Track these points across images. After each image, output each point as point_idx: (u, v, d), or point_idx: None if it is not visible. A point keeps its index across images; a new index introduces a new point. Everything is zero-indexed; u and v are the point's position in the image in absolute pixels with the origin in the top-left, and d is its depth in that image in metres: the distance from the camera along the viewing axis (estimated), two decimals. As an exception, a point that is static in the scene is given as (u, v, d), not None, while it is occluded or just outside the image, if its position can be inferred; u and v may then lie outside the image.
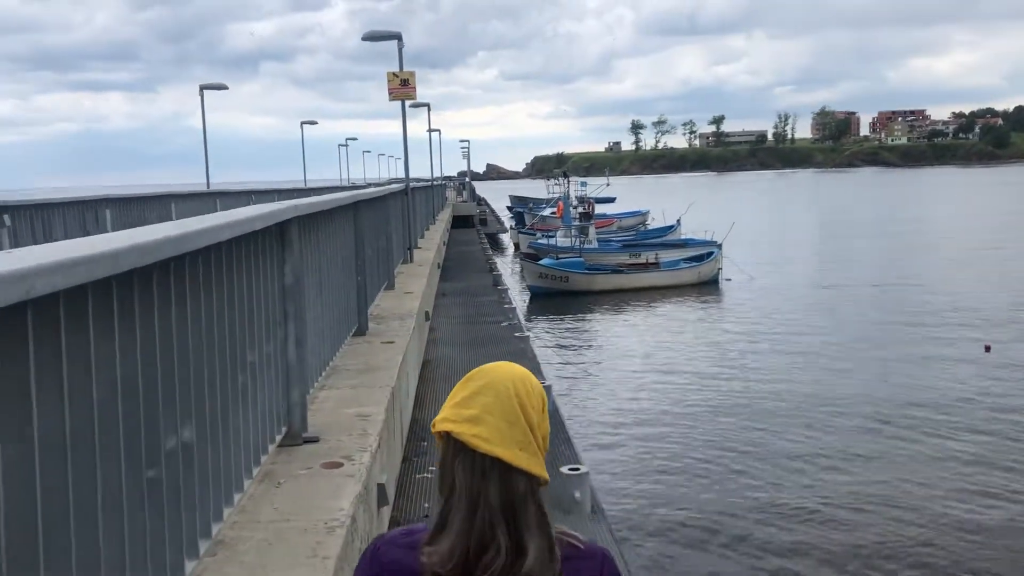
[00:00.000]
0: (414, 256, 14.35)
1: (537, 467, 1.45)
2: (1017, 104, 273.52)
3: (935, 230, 48.62)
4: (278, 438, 4.33)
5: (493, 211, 61.89)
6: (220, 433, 3.34)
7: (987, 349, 18.41)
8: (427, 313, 10.97)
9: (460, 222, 42.80)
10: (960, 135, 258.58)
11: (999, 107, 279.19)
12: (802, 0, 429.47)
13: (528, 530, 1.41)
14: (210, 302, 3.21)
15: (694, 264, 29.93)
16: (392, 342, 7.14)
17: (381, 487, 4.57)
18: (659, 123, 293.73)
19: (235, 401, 3.56)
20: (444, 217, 32.95)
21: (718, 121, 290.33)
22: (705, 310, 25.98)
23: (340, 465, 4.20)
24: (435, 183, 33.32)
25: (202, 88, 21.78)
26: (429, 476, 7.80)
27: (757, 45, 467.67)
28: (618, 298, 26.60)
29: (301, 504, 3.71)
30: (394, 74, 12.85)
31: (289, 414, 4.48)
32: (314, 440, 4.55)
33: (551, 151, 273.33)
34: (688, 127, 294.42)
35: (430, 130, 33.89)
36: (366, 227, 8.05)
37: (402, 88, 12.93)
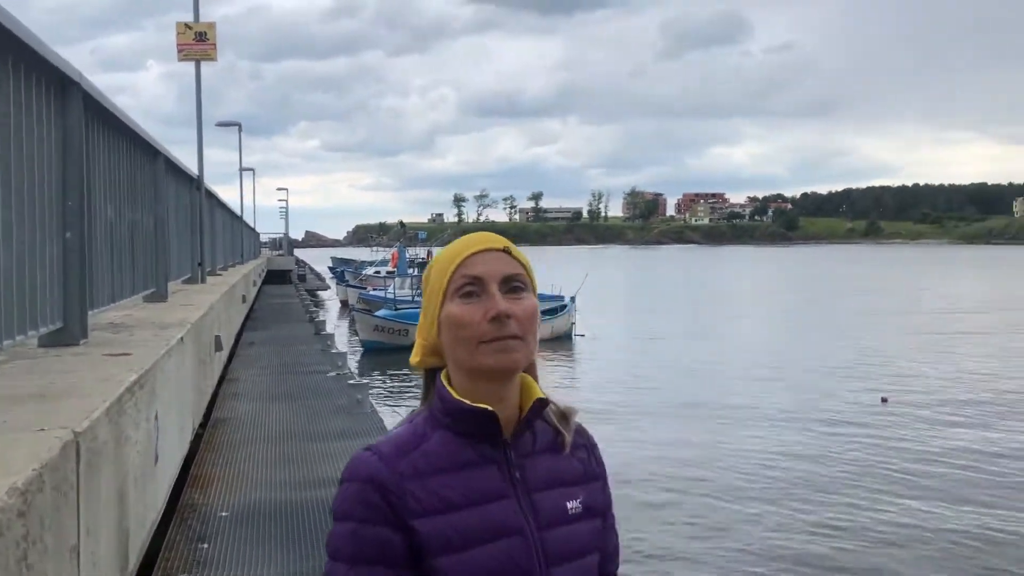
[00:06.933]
0: (207, 280, 10.56)
1: None
2: (803, 191, 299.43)
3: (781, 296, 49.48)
4: None
5: (313, 269, 57.24)
6: None
7: (884, 401, 16.79)
8: (218, 339, 7.29)
9: (275, 277, 38.41)
10: (755, 217, 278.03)
11: (788, 193, 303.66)
12: (611, 90, 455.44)
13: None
14: None
15: (547, 318, 27.24)
16: (128, 354, 3.59)
17: None
18: (481, 197, 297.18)
19: None
20: (256, 264, 28.78)
21: (536, 197, 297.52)
22: (559, 366, 23.42)
23: None
24: (244, 223, 29.09)
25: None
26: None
27: (571, 129, 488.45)
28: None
29: None
30: (186, 25, 9.08)
31: None
32: None
33: (373, 220, 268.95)
34: (508, 202, 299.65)
35: (241, 168, 29.76)
36: (99, 160, 4.53)
37: (197, 44, 9.19)
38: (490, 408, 1.32)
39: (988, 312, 35.84)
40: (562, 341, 26.68)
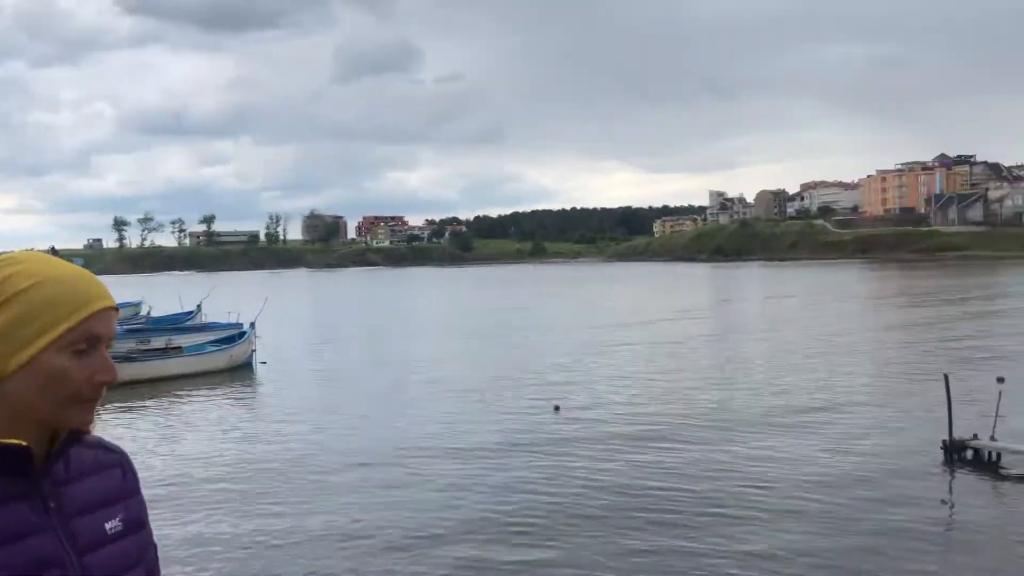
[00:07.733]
0: None
1: None
2: (476, 215, 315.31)
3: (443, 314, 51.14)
4: None
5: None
6: None
7: (556, 409, 17.98)
8: None
9: None
10: (434, 239, 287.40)
11: (463, 216, 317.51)
12: (285, 112, 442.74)
13: None
14: None
15: (224, 347, 25.78)
16: None
17: None
18: (145, 220, 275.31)
19: None
20: None
21: (209, 220, 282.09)
22: (239, 396, 22.33)
23: None
24: None
25: None
26: None
27: (244, 150, 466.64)
28: (132, 391, 21.23)
29: None
30: None
31: None
32: None
33: (18, 247, 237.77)
34: (177, 225, 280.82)
35: None
36: None
37: None
38: (24, 444, 1.24)
39: (640, 324, 40.13)
40: (242, 370, 25.54)
